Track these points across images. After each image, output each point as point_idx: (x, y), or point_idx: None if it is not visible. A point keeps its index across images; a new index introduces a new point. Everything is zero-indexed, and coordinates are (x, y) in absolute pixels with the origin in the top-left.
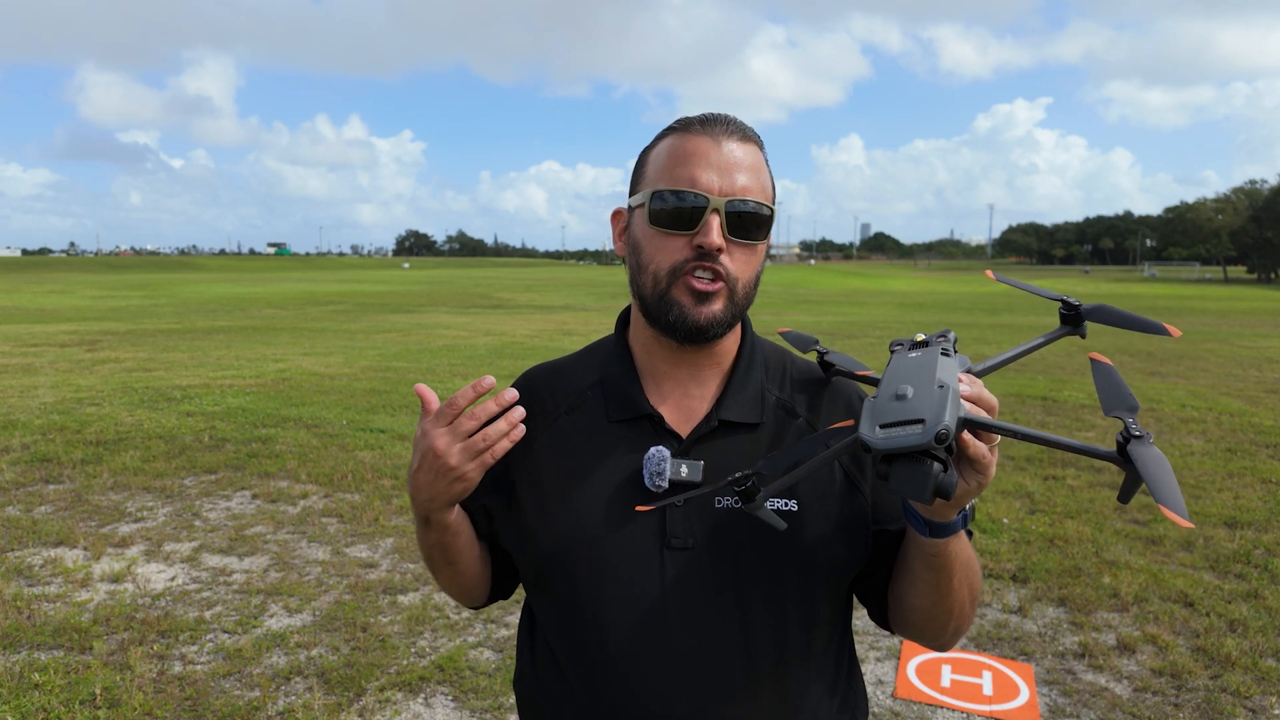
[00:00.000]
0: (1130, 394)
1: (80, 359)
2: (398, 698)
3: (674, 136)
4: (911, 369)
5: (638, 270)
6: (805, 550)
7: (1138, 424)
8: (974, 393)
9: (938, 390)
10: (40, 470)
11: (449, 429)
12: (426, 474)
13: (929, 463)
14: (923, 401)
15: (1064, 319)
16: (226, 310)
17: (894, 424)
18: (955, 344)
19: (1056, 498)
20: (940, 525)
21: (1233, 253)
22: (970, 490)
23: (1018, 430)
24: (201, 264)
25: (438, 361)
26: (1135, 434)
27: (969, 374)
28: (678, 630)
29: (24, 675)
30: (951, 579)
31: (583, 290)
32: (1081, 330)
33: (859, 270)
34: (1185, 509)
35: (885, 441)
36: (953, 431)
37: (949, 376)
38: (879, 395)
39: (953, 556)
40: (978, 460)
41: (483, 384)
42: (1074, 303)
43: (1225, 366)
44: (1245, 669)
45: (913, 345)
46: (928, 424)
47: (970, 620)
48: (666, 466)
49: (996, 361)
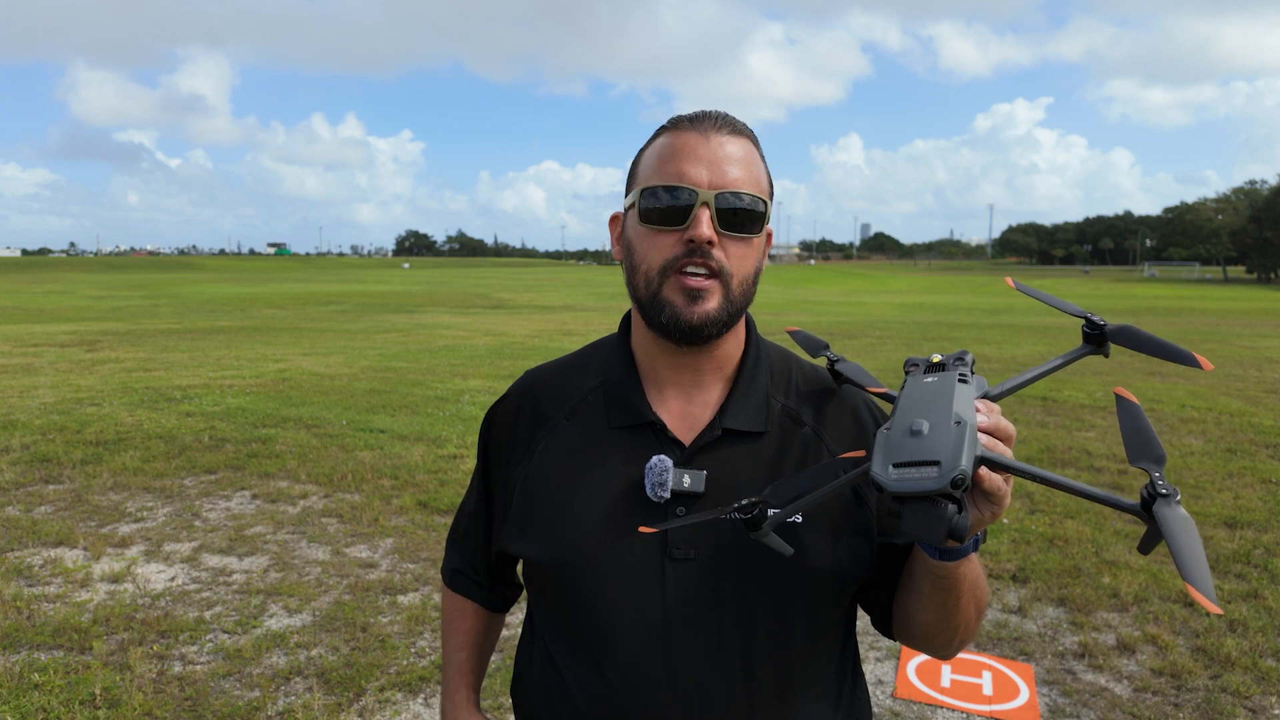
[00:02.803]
0: (1158, 442)
1: (80, 359)
2: (398, 698)
3: (665, 135)
4: (927, 398)
5: (631, 271)
6: (809, 563)
7: (1165, 480)
8: (991, 423)
9: (954, 427)
10: (40, 470)
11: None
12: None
13: (943, 504)
14: (939, 440)
15: (1087, 338)
16: (226, 310)
17: (908, 464)
18: (972, 366)
19: (1056, 498)
20: (951, 550)
21: (1232, 253)
22: (984, 519)
23: (1036, 473)
24: (201, 264)
25: (438, 361)
26: (1162, 492)
27: (986, 400)
28: (678, 641)
29: (24, 675)
30: (960, 598)
31: (583, 290)
32: (1105, 350)
33: (859, 270)
34: (1213, 589)
35: (899, 485)
36: (969, 476)
37: (966, 409)
38: (893, 427)
39: (961, 578)
40: (993, 493)
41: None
42: (1099, 321)
43: (1225, 366)
44: (1245, 669)
45: (928, 368)
46: (944, 467)
47: (975, 633)
48: (669, 477)
49: (1015, 384)
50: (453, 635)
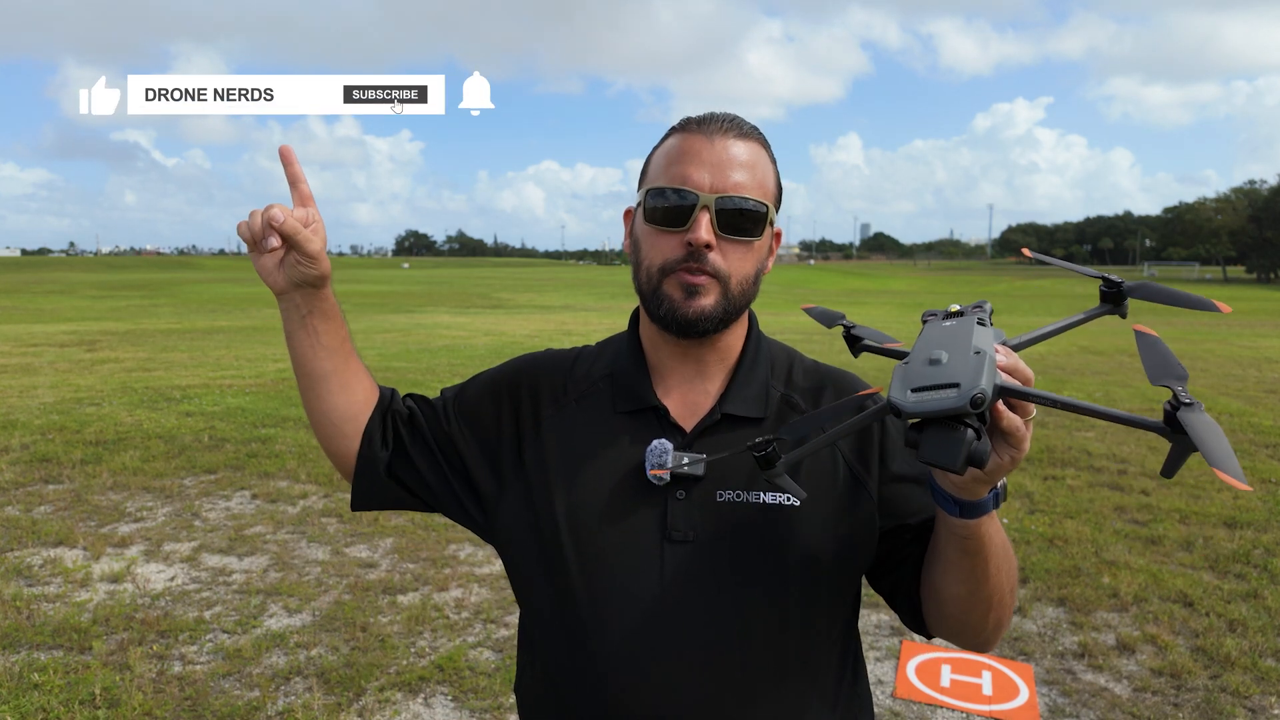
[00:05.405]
0: (1178, 363)
1: (80, 359)
2: (397, 698)
3: (673, 136)
4: (946, 336)
5: (636, 266)
6: (807, 547)
7: (1187, 391)
8: (1010, 364)
9: (974, 356)
10: (40, 470)
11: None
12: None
13: (962, 429)
14: (958, 366)
15: (1105, 297)
16: (226, 310)
17: (927, 388)
18: (991, 315)
19: (1056, 498)
20: (971, 505)
21: (1232, 253)
22: (1004, 465)
23: (1057, 399)
24: (201, 264)
25: (437, 361)
26: (1185, 401)
27: (1004, 346)
28: (675, 624)
29: (24, 675)
30: (988, 563)
31: (583, 290)
32: (1123, 309)
33: (859, 270)
34: (1241, 472)
35: (918, 405)
36: (989, 396)
37: (985, 344)
38: (911, 360)
39: (987, 539)
40: (1012, 433)
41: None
42: (1116, 280)
43: (1225, 366)
44: (1245, 669)
45: (947, 315)
46: (963, 388)
47: (1010, 614)
48: (669, 459)
49: (1034, 336)
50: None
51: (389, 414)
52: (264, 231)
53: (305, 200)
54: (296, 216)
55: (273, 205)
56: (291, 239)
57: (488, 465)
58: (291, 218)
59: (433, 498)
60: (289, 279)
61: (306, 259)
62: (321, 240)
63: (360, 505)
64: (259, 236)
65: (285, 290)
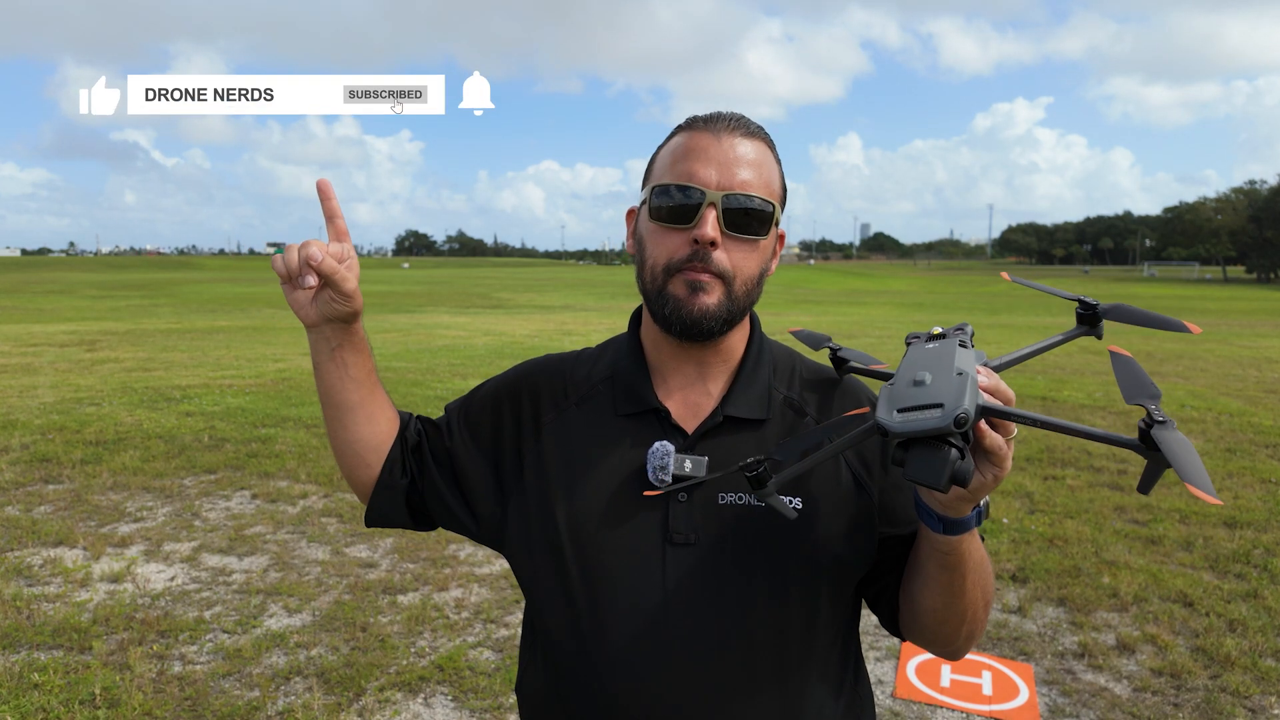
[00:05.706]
0: (1151, 382)
1: (80, 359)
2: (397, 698)
3: (680, 134)
4: (930, 358)
5: (640, 265)
6: (809, 549)
7: (1160, 409)
8: (991, 384)
9: (956, 377)
10: (40, 470)
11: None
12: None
13: (946, 449)
14: (941, 387)
15: (1080, 319)
16: (226, 310)
17: (912, 408)
18: (972, 337)
19: (1056, 498)
20: (954, 521)
21: (1232, 253)
22: (986, 483)
23: (1037, 418)
24: (201, 264)
25: (437, 361)
26: (1158, 419)
27: (986, 367)
28: (677, 627)
29: (24, 675)
30: (965, 579)
31: (583, 290)
32: (1098, 331)
33: (859, 270)
34: (1213, 487)
35: (903, 425)
36: (972, 416)
37: (967, 366)
38: (896, 381)
39: (966, 555)
40: (994, 451)
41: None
42: (1091, 302)
43: (1225, 366)
44: (1245, 669)
45: (929, 338)
46: (946, 408)
47: (983, 626)
48: (670, 461)
49: (1013, 358)
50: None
51: (408, 442)
52: (301, 269)
53: (341, 235)
54: (332, 253)
55: (310, 243)
56: (329, 279)
57: (493, 478)
58: (329, 257)
59: (445, 522)
60: (321, 314)
61: (341, 297)
62: (356, 277)
63: (375, 524)
64: (295, 274)
65: (316, 324)
